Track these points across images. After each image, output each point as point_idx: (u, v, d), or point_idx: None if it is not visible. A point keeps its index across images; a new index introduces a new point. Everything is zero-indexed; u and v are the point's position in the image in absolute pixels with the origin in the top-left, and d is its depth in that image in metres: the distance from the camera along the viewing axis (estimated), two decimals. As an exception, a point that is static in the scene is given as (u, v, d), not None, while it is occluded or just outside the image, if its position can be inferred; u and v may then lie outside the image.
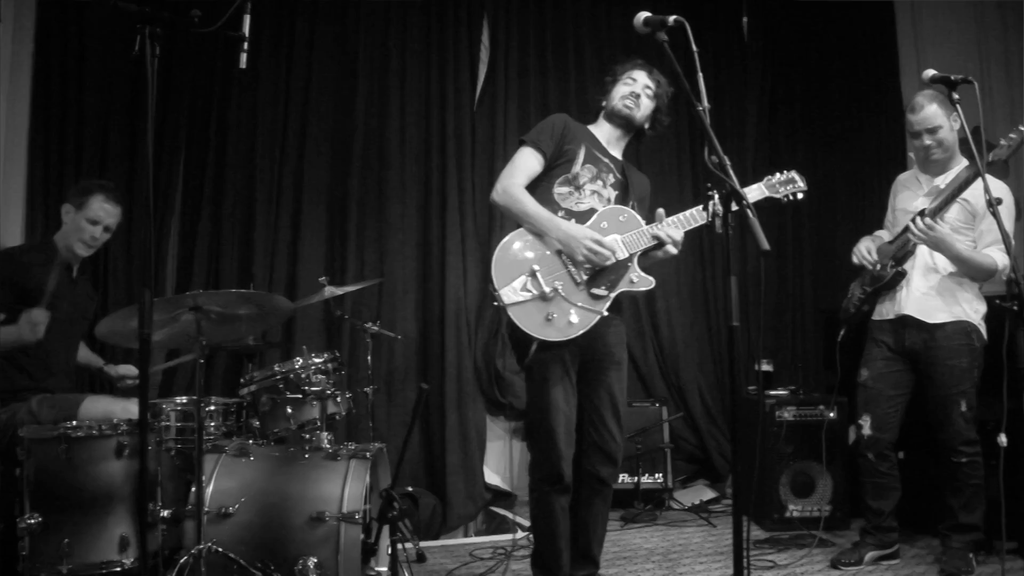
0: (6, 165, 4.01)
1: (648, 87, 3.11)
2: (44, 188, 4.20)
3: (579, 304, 2.84)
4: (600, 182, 3.02)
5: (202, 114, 4.63)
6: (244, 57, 2.45)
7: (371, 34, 4.90)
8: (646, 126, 3.17)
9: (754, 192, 3.02)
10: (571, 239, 2.83)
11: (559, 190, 2.99)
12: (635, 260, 2.93)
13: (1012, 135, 3.20)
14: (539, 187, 3.02)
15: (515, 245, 2.88)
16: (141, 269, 4.26)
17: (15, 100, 4.09)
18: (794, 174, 3.08)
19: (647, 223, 2.97)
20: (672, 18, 2.41)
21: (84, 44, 4.34)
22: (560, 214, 2.94)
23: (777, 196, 3.05)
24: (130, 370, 3.59)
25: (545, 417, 2.89)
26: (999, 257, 3.39)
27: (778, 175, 3.07)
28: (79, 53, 4.33)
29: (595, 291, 2.86)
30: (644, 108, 3.11)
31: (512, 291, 2.81)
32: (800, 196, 3.07)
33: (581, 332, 2.83)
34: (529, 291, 2.82)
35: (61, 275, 3.41)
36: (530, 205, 2.91)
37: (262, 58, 4.66)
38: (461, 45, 5.04)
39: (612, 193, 3.05)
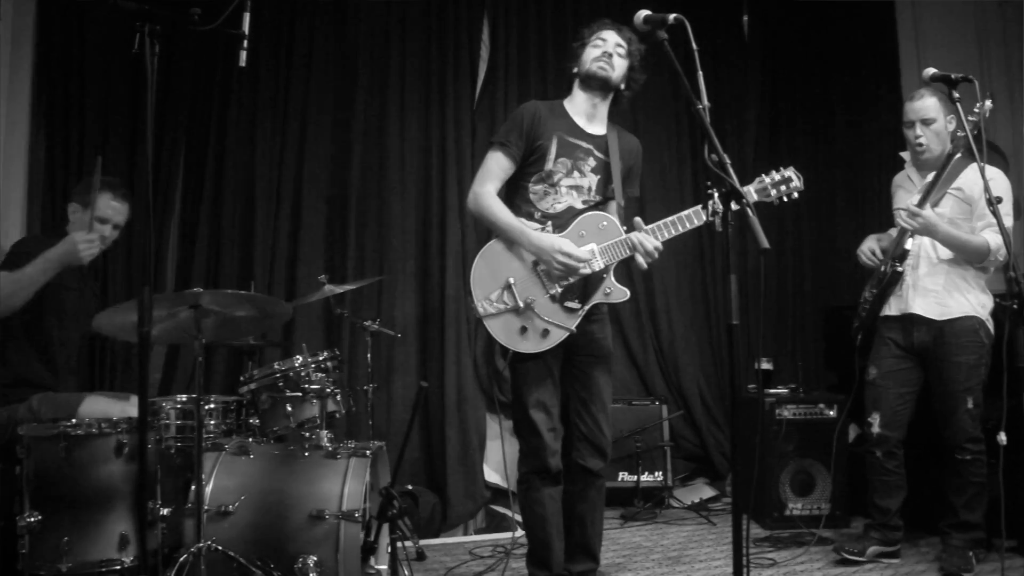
0: (6, 164, 4.00)
1: (620, 45, 2.99)
2: (44, 187, 4.20)
3: (551, 319, 2.83)
4: (577, 173, 2.95)
5: (202, 112, 4.62)
6: (244, 55, 2.45)
7: (371, 33, 4.89)
8: (622, 87, 3.04)
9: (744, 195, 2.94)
10: (542, 251, 2.81)
11: (534, 189, 2.95)
12: (611, 271, 2.90)
13: (970, 118, 3.12)
14: (516, 187, 2.99)
15: (492, 256, 2.88)
16: (141, 267, 4.26)
17: (15, 99, 4.08)
18: (790, 172, 2.92)
19: (635, 195, 2.94)
20: (672, 16, 2.40)
21: (84, 42, 4.34)
22: (537, 216, 2.92)
23: (769, 199, 2.91)
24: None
25: (527, 412, 2.92)
26: (992, 238, 3.40)
27: (773, 174, 2.92)
28: (79, 51, 4.33)
29: (568, 304, 2.85)
30: (618, 68, 2.99)
31: (488, 303, 2.83)
32: (796, 196, 2.92)
33: (553, 346, 2.85)
34: (504, 303, 2.83)
35: (73, 269, 3.42)
36: (501, 215, 2.89)
37: (262, 57, 4.66)
38: (461, 44, 5.04)
39: (593, 179, 2.97)
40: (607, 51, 2.97)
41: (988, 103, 3.14)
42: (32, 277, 3.06)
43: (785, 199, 2.92)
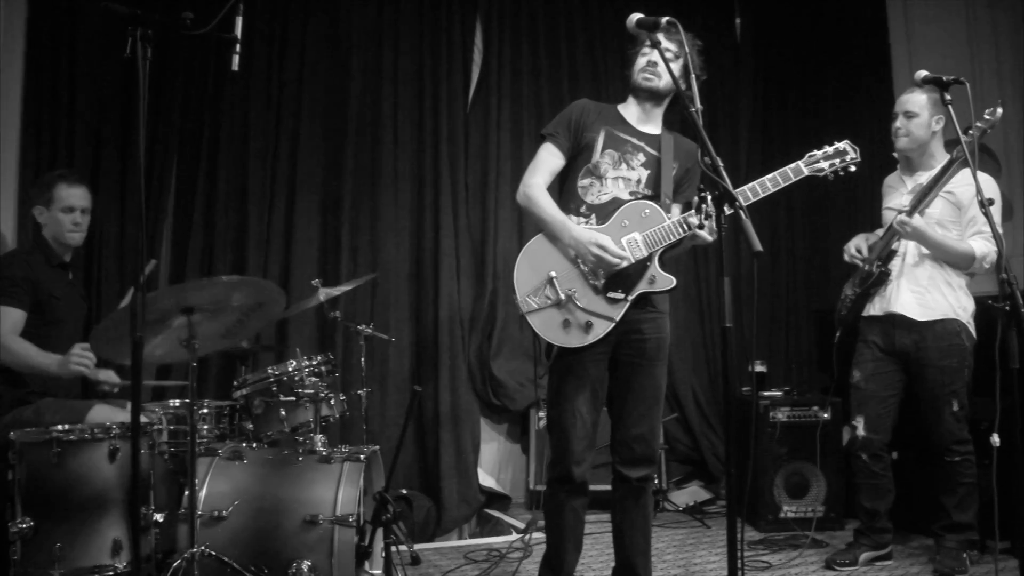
0: (-2, 167, 4.00)
1: (668, 49, 2.75)
2: (36, 191, 4.19)
3: (594, 311, 2.74)
4: (625, 165, 2.86)
5: (195, 116, 4.61)
6: (236, 59, 2.44)
7: (364, 35, 4.89)
8: (683, 87, 2.82)
9: (789, 174, 2.79)
10: (579, 244, 2.73)
11: (582, 183, 2.87)
12: (655, 259, 2.78)
13: (978, 124, 3.19)
14: (567, 181, 2.93)
15: (535, 251, 2.80)
16: (133, 271, 4.25)
17: (6, 103, 4.07)
18: (844, 145, 2.83)
19: (695, 196, 2.80)
20: (665, 19, 2.41)
21: (76, 46, 4.31)
22: (583, 208, 2.84)
23: (822, 173, 2.81)
24: (110, 376, 3.54)
25: (561, 416, 2.84)
26: (978, 246, 3.43)
27: (826, 148, 2.83)
28: (71, 55, 4.30)
29: (612, 295, 2.75)
30: (666, 75, 2.81)
31: (531, 298, 2.75)
32: (853, 169, 2.83)
33: (598, 339, 2.75)
34: (547, 298, 2.74)
35: (59, 276, 3.42)
36: (545, 209, 2.82)
37: (254, 60, 4.64)
38: (454, 47, 5.04)
39: (643, 173, 2.87)
40: (652, 59, 2.85)
41: (999, 110, 3.17)
42: (29, 364, 3.16)
43: (841, 172, 2.84)
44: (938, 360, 3.51)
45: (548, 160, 2.91)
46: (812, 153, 2.83)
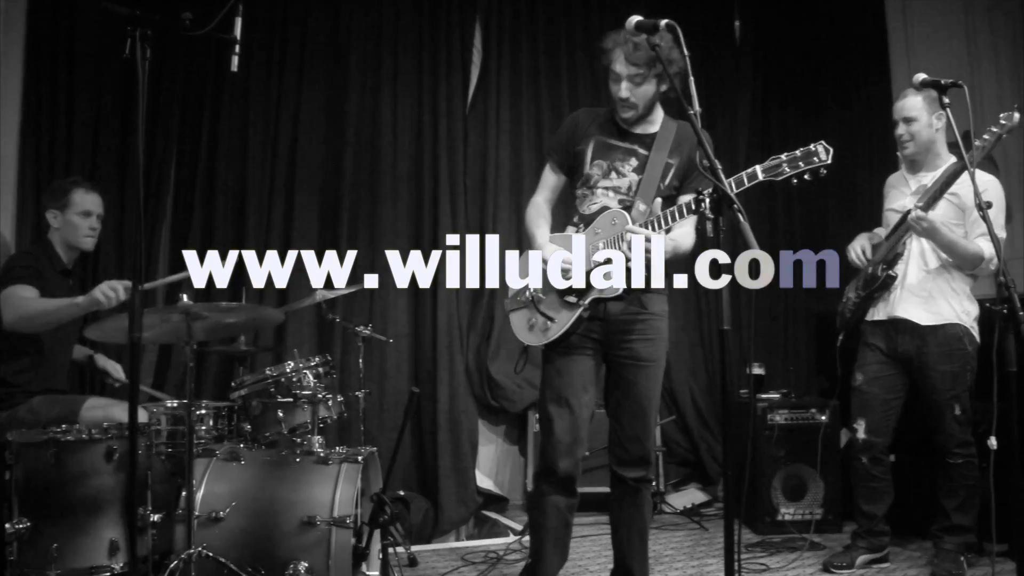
0: (-4, 168, 4.00)
1: (633, 75, 2.77)
2: (35, 191, 4.16)
3: (550, 314, 2.86)
4: (615, 174, 2.88)
5: (194, 116, 4.61)
6: (235, 60, 2.45)
7: (363, 37, 4.89)
8: (662, 89, 2.83)
9: (744, 179, 2.53)
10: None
11: (578, 194, 2.97)
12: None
13: (993, 129, 3.21)
14: (572, 195, 3.03)
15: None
16: (132, 272, 4.24)
17: (5, 102, 4.07)
18: (816, 146, 2.44)
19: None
20: (664, 22, 2.41)
21: (75, 46, 4.31)
22: (575, 218, 2.96)
23: (780, 178, 2.47)
24: (116, 369, 3.57)
25: (545, 410, 2.90)
26: (986, 247, 3.41)
27: (795, 152, 2.46)
28: (70, 55, 4.30)
29: (568, 299, 2.86)
30: (640, 97, 2.81)
31: (512, 299, 2.98)
32: (823, 173, 2.42)
33: (553, 339, 2.85)
34: (523, 298, 2.93)
35: (60, 281, 3.42)
36: (528, 222, 3.02)
37: (253, 61, 4.64)
38: (453, 49, 5.04)
39: (634, 179, 2.86)
40: (621, 96, 2.81)
41: (1016, 115, 3.16)
42: (59, 313, 3.14)
43: (807, 177, 2.44)
44: (941, 364, 3.50)
45: (548, 178, 3.08)
46: (776, 156, 2.50)
